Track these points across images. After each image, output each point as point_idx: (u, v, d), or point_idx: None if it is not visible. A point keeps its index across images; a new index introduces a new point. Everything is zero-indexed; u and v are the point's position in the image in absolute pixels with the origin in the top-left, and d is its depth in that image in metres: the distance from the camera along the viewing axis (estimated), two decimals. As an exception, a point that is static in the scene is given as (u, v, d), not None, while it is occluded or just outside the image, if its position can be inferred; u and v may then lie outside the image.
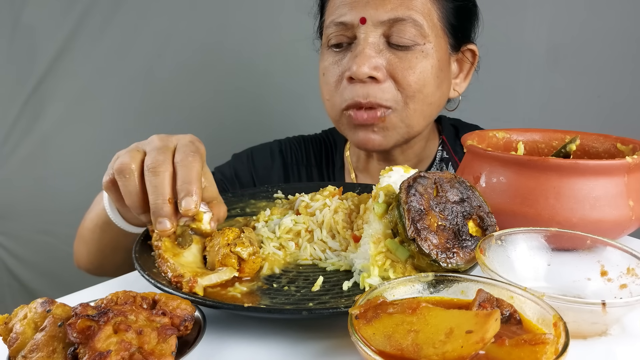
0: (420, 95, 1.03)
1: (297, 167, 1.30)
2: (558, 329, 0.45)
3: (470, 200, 0.67)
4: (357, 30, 1.01)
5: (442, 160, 1.24)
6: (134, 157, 0.72)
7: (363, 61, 0.98)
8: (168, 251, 0.68)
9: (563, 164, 0.72)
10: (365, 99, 1.01)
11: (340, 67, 1.05)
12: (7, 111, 2.03)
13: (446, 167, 1.23)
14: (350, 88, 1.02)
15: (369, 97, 1.00)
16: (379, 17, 0.99)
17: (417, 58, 1.01)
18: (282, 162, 1.30)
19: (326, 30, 1.06)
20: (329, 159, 1.32)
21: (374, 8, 0.99)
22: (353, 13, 1.01)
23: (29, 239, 2.13)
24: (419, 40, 1.00)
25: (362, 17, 0.99)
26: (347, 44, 1.04)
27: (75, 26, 1.95)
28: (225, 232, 0.69)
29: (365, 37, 1.00)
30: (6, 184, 2.10)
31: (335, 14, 1.04)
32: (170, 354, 0.47)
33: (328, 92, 1.08)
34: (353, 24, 1.01)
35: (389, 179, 0.74)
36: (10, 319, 0.52)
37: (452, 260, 0.62)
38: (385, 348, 0.44)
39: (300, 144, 1.33)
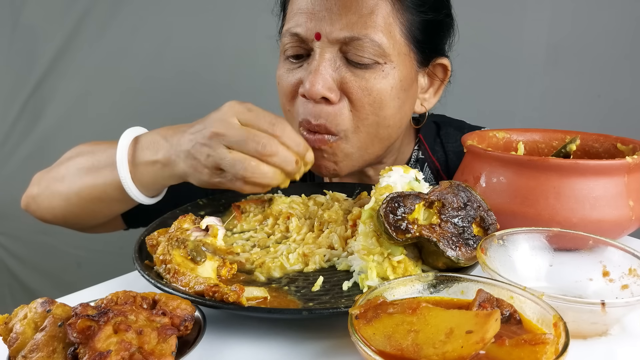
0: (376, 119, 0.95)
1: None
2: (558, 329, 0.45)
3: (472, 203, 0.67)
4: (312, 44, 0.94)
5: (418, 161, 1.16)
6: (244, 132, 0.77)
7: (317, 80, 0.91)
8: (182, 266, 0.66)
9: (563, 164, 0.72)
10: (316, 120, 0.94)
11: (294, 78, 0.97)
12: (7, 111, 2.04)
13: (421, 168, 1.15)
14: (303, 104, 0.96)
15: (320, 119, 0.94)
16: (334, 34, 0.91)
17: (376, 79, 0.93)
18: None
19: (282, 37, 0.99)
20: None
21: (329, 24, 0.91)
22: (308, 26, 0.93)
23: (29, 239, 2.13)
24: (378, 59, 0.93)
25: (317, 33, 0.92)
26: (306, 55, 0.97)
27: (75, 26, 1.95)
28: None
29: (321, 53, 0.92)
30: (6, 184, 2.10)
31: (291, 22, 0.96)
32: (170, 354, 0.47)
33: (285, 103, 1.02)
34: (307, 37, 0.94)
35: (389, 179, 0.74)
36: (10, 319, 0.52)
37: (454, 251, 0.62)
38: (385, 348, 0.44)
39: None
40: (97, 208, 0.97)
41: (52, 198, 1.01)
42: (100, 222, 1.04)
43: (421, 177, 0.75)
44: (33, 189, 1.06)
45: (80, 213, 0.99)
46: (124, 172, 0.87)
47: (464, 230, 0.65)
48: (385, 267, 0.65)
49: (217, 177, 0.80)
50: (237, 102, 0.81)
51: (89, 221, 1.03)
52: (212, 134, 0.77)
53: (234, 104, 0.80)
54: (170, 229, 0.74)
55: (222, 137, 0.77)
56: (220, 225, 0.74)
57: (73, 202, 0.98)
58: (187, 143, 0.81)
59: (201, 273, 0.66)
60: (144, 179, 0.88)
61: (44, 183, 1.03)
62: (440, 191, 0.67)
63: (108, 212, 1.00)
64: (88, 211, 0.98)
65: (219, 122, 0.78)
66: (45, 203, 1.03)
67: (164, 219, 0.85)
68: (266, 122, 0.78)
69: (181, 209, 0.90)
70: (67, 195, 0.98)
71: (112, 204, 0.95)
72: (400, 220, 0.63)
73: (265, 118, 0.78)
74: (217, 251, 0.71)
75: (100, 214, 1.00)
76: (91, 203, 0.96)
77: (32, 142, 2.06)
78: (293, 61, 0.98)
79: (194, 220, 0.75)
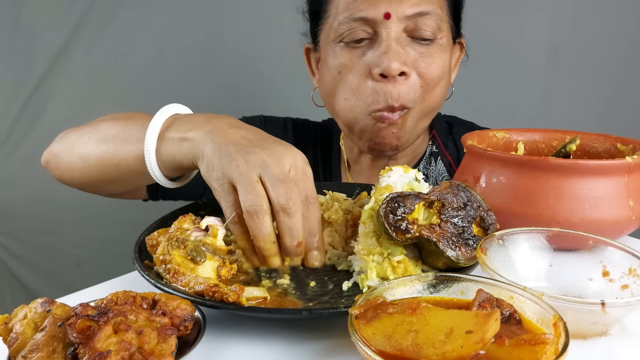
0: (438, 89, 1.05)
1: (305, 146, 1.28)
2: (558, 329, 0.45)
3: (472, 203, 0.67)
4: (379, 25, 0.99)
5: (432, 155, 1.24)
6: (259, 191, 0.68)
7: (394, 57, 0.97)
8: (182, 266, 0.66)
9: (563, 164, 0.72)
10: (397, 102, 1.00)
11: (361, 64, 1.02)
12: (7, 111, 2.04)
13: (435, 161, 1.23)
14: (381, 88, 1.00)
15: (400, 98, 1.00)
16: (404, 11, 0.98)
17: (437, 52, 1.03)
18: (294, 138, 1.29)
19: (339, 26, 1.02)
20: (328, 144, 1.32)
21: (398, 3, 0.98)
22: (375, 8, 0.99)
23: (29, 239, 2.13)
24: (437, 34, 1.02)
25: (386, 12, 0.98)
26: (367, 40, 1.02)
27: (75, 26, 1.95)
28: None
29: (389, 32, 0.98)
30: (6, 184, 2.10)
31: (351, 8, 1.01)
32: (170, 354, 0.47)
33: (348, 91, 1.04)
34: (375, 19, 0.99)
35: (389, 179, 0.74)
36: (10, 319, 0.52)
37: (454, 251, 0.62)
38: (385, 348, 0.44)
39: (308, 125, 1.34)
40: (114, 176, 0.93)
41: (72, 157, 1.00)
42: (117, 191, 1.03)
43: (421, 177, 0.75)
44: (55, 145, 1.05)
45: (98, 178, 0.97)
46: (150, 146, 0.82)
47: (464, 230, 0.65)
48: (385, 267, 0.65)
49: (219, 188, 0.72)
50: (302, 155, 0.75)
51: (106, 188, 1.02)
52: (261, 159, 0.71)
53: (300, 155, 0.75)
54: (170, 229, 0.74)
55: (265, 167, 0.70)
56: (220, 225, 0.73)
57: (91, 166, 0.95)
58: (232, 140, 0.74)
59: (201, 273, 0.65)
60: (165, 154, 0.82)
61: (68, 141, 1.02)
62: (440, 191, 0.67)
63: (125, 184, 0.98)
64: (106, 178, 0.95)
65: (275, 156, 0.72)
66: (65, 162, 1.02)
67: (164, 219, 0.85)
68: (304, 192, 0.72)
69: (181, 208, 0.90)
70: (87, 158, 0.95)
71: (130, 176, 0.92)
72: (400, 220, 0.63)
73: (310, 190, 0.73)
74: (217, 251, 0.70)
75: (117, 184, 0.98)
76: (109, 170, 0.93)
77: (32, 142, 2.06)
78: (356, 46, 1.02)
79: (194, 220, 0.75)
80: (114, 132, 0.92)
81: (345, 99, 1.05)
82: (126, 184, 0.99)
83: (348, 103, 1.05)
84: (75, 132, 1.01)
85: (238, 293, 0.58)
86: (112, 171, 0.92)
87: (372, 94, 1.01)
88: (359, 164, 1.25)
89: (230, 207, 0.71)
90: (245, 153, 0.71)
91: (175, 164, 0.82)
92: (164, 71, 2.00)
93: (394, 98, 1.00)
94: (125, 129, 0.91)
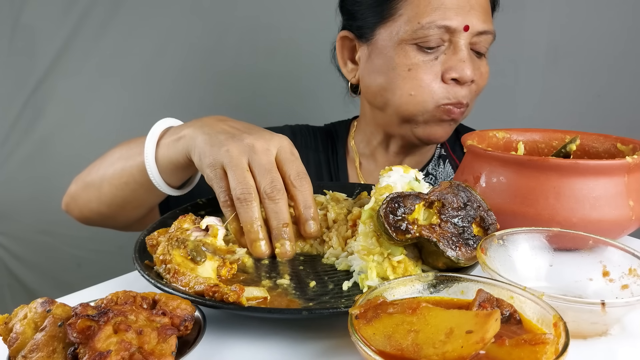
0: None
1: (306, 152, 1.32)
2: (558, 329, 0.45)
3: (472, 203, 0.67)
4: (457, 35, 1.08)
5: (440, 157, 1.31)
6: (248, 181, 0.75)
7: (469, 66, 1.08)
8: (182, 266, 0.66)
9: (563, 164, 0.72)
10: (465, 100, 1.12)
11: (435, 65, 1.10)
12: (7, 111, 2.04)
13: (443, 163, 1.30)
14: (452, 88, 1.10)
15: (466, 98, 1.12)
16: (478, 27, 1.08)
17: (484, 65, 1.15)
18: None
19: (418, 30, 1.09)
20: (333, 147, 1.36)
21: (476, 17, 1.08)
22: (459, 19, 1.07)
23: (29, 239, 2.13)
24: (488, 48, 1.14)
25: (466, 25, 1.07)
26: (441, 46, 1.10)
27: (75, 26, 1.95)
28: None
29: (465, 44, 1.09)
30: (6, 184, 2.10)
31: (435, 15, 1.07)
32: (170, 354, 0.47)
33: (417, 87, 1.11)
34: (457, 29, 1.07)
35: (389, 179, 0.74)
36: (10, 319, 0.52)
37: (454, 251, 0.62)
38: (385, 348, 0.44)
39: (309, 130, 1.37)
40: (126, 195, 0.99)
41: (87, 191, 1.06)
42: (133, 216, 1.06)
43: (421, 177, 0.75)
44: (71, 187, 1.11)
45: (111, 203, 1.02)
46: (149, 152, 0.89)
47: (464, 230, 0.65)
48: (385, 267, 0.65)
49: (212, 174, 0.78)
50: (288, 139, 0.81)
51: (122, 213, 1.05)
52: (249, 144, 0.77)
53: (286, 139, 0.81)
54: (170, 229, 0.74)
55: (253, 152, 0.77)
56: (220, 225, 0.73)
57: (105, 191, 1.01)
58: (222, 130, 0.81)
59: (201, 273, 0.65)
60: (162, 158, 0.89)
61: (80, 179, 1.09)
62: (440, 191, 0.67)
63: (136, 202, 1.02)
64: (119, 200, 1.01)
65: (262, 140, 0.78)
66: (82, 198, 1.08)
67: (164, 219, 0.85)
68: (295, 170, 0.78)
69: (181, 208, 0.90)
70: (100, 184, 1.02)
71: (139, 192, 0.97)
72: (400, 220, 0.63)
73: (300, 167, 0.79)
74: (217, 251, 0.71)
75: (130, 204, 1.02)
76: (120, 190, 0.99)
77: (32, 142, 2.06)
78: (427, 50, 1.10)
79: (194, 220, 0.75)
80: (118, 155, 1.01)
81: (412, 94, 1.12)
82: (138, 204, 1.02)
83: (415, 98, 1.12)
84: (86, 170, 1.09)
85: (238, 293, 0.58)
86: (123, 190, 0.99)
87: (443, 92, 1.11)
88: (373, 160, 1.30)
89: (223, 192, 0.77)
90: (235, 139, 0.78)
91: (173, 164, 0.88)
92: (164, 71, 2.00)
93: (464, 97, 1.11)
94: (128, 149, 0.99)
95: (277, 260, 0.76)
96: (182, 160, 0.86)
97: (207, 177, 0.79)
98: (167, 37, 1.97)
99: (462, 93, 1.11)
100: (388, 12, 1.13)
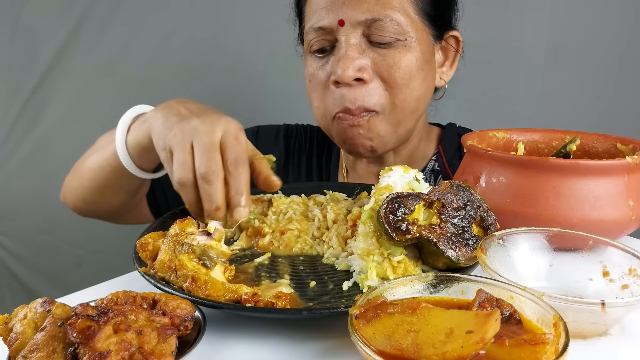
0: (407, 90, 1.02)
1: (299, 155, 1.30)
2: (558, 329, 0.45)
3: (472, 203, 0.67)
4: (337, 33, 1.00)
5: (433, 172, 1.21)
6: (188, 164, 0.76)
7: (347, 64, 0.97)
8: (200, 272, 0.64)
9: (563, 164, 0.72)
10: (354, 105, 1.00)
11: (325, 71, 1.03)
12: (7, 111, 2.04)
13: (435, 179, 1.20)
14: (338, 93, 1.01)
15: (357, 102, 1.00)
16: (357, 17, 0.98)
17: (401, 53, 1.00)
18: (285, 147, 1.30)
19: (307, 36, 1.06)
20: (329, 152, 1.32)
21: (350, 9, 0.98)
22: (331, 16, 1.00)
23: (29, 239, 2.13)
24: (399, 36, 1.00)
25: (340, 20, 0.99)
26: (330, 48, 1.03)
27: (75, 26, 1.95)
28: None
29: (347, 39, 0.99)
30: (6, 184, 2.10)
31: (313, 19, 1.03)
32: (170, 354, 0.47)
33: (317, 99, 1.07)
34: (332, 27, 1.00)
35: (389, 179, 0.74)
36: (10, 319, 0.52)
37: (454, 251, 0.62)
38: (385, 348, 0.44)
39: (306, 132, 1.34)
40: (102, 179, 1.03)
41: (74, 179, 1.10)
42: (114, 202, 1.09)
43: (421, 177, 0.75)
44: (66, 178, 1.15)
45: (91, 188, 1.05)
46: (119, 135, 0.93)
47: (464, 231, 0.65)
48: (385, 267, 0.65)
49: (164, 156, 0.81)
50: (237, 123, 0.81)
51: (103, 199, 1.08)
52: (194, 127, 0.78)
53: (235, 123, 0.81)
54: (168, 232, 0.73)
55: (196, 134, 0.77)
56: (224, 229, 0.73)
57: (85, 177, 1.05)
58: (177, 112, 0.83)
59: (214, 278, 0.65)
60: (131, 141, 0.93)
61: (72, 169, 1.12)
62: (440, 191, 0.67)
63: (113, 186, 1.04)
64: (96, 185, 1.04)
65: (208, 122, 0.79)
66: (71, 186, 1.12)
67: (164, 219, 0.85)
68: (233, 155, 0.77)
69: (181, 208, 0.90)
70: (82, 171, 1.07)
71: (112, 175, 1.00)
72: (400, 221, 0.63)
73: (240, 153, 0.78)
74: (219, 255, 0.71)
75: (108, 189, 1.05)
76: (97, 174, 1.02)
77: (32, 142, 2.06)
78: (319, 55, 1.05)
79: (195, 223, 0.75)
80: (100, 143, 1.06)
81: (317, 107, 1.08)
82: (116, 188, 1.05)
83: (319, 111, 1.08)
84: (78, 161, 1.12)
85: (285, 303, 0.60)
86: (99, 175, 1.02)
87: (331, 99, 1.03)
88: (355, 171, 1.26)
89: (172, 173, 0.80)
90: (184, 122, 0.80)
91: (140, 146, 0.91)
92: (163, 71, 2.00)
93: (350, 101, 1.00)
94: (107, 137, 1.03)
95: (277, 260, 0.76)
96: (147, 141, 0.89)
97: (161, 160, 0.83)
98: (167, 37, 1.97)
99: (349, 97, 0.99)
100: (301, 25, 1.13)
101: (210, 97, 2.01)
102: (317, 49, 1.04)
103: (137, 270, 0.67)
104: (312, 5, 1.05)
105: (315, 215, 0.84)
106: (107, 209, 1.12)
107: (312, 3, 1.05)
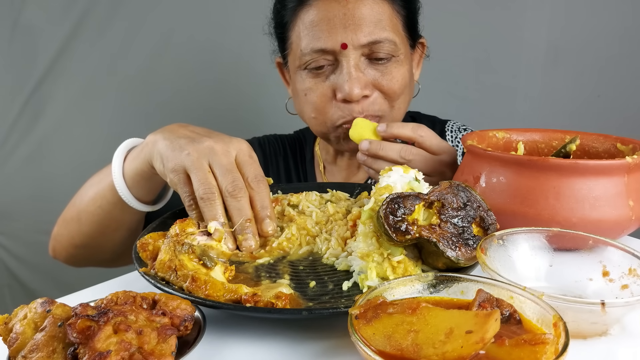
0: (403, 96, 1.14)
1: (276, 159, 1.38)
2: (558, 329, 0.45)
3: (472, 203, 0.67)
4: (339, 55, 1.06)
5: None
6: (210, 181, 0.77)
7: (354, 84, 1.05)
8: (199, 272, 0.64)
9: (563, 164, 0.72)
10: (361, 115, 1.08)
11: (324, 87, 1.10)
12: (7, 111, 2.03)
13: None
14: (345, 107, 1.08)
15: (363, 112, 1.09)
16: (359, 41, 1.05)
17: (396, 68, 1.10)
18: (262, 155, 1.37)
19: (302, 56, 1.09)
20: (301, 152, 1.41)
21: (352, 33, 1.05)
22: (332, 39, 1.05)
23: (29, 239, 2.13)
24: (394, 53, 1.09)
25: (343, 43, 1.05)
26: (328, 66, 1.09)
27: (75, 26, 1.95)
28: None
29: (349, 60, 1.06)
30: (6, 184, 2.10)
31: (309, 39, 1.07)
32: (170, 354, 0.47)
33: (314, 111, 1.13)
34: (334, 49, 1.06)
35: (389, 179, 0.74)
36: (10, 319, 0.52)
37: (454, 251, 0.62)
38: (385, 348, 0.44)
39: (277, 139, 1.43)
40: (102, 219, 1.00)
41: (68, 227, 1.06)
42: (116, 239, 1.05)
43: (421, 177, 0.75)
44: (54, 230, 1.12)
45: (92, 231, 1.02)
46: (116, 166, 0.92)
47: (464, 231, 0.65)
48: (385, 268, 0.65)
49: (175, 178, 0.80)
50: (247, 143, 0.84)
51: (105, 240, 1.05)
52: (209, 147, 0.80)
53: (243, 142, 0.84)
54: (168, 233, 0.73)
55: (213, 154, 0.79)
56: (224, 230, 0.73)
57: (83, 221, 1.02)
58: (182, 135, 0.83)
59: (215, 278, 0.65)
60: (128, 171, 0.91)
61: (61, 219, 1.09)
62: (440, 191, 0.67)
63: (114, 224, 1.01)
64: (97, 226, 1.01)
65: (222, 142, 0.81)
66: (65, 236, 1.08)
67: (164, 220, 0.85)
68: (253, 173, 0.81)
69: (182, 210, 0.90)
70: (78, 216, 1.03)
71: (113, 212, 0.98)
72: (400, 221, 0.63)
73: (257, 170, 0.82)
74: (219, 255, 0.71)
75: (108, 227, 1.02)
76: (96, 215, 0.99)
77: (32, 142, 2.06)
78: (317, 72, 1.10)
79: (195, 223, 0.75)
80: (89, 184, 1.03)
81: (314, 117, 1.14)
82: (117, 225, 1.02)
83: (317, 120, 1.14)
84: (64, 210, 1.09)
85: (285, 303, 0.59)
86: (99, 215, 0.99)
87: (338, 111, 1.10)
88: (335, 165, 1.33)
89: (187, 196, 0.79)
90: (195, 143, 0.80)
91: (138, 175, 0.90)
92: (163, 71, 2.00)
93: (357, 112, 1.08)
94: (98, 175, 1.01)
95: (277, 260, 0.76)
96: (146, 168, 0.88)
97: (170, 182, 0.81)
98: (167, 38, 1.97)
99: (357, 109, 1.08)
100: (285, 41, 1.17)
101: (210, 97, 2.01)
102: (317, 67, 1.09)
103: (137, 271, 0.67)
104: (304, 24, 1.09)
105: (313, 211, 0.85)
106: (110, 249, 1.08)
107: (305, 22, 1.09)
